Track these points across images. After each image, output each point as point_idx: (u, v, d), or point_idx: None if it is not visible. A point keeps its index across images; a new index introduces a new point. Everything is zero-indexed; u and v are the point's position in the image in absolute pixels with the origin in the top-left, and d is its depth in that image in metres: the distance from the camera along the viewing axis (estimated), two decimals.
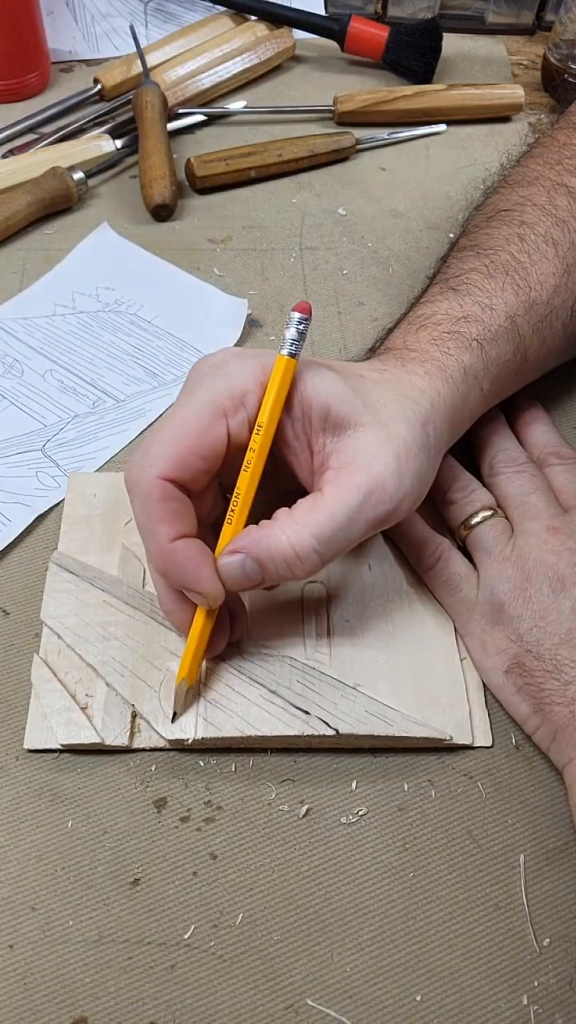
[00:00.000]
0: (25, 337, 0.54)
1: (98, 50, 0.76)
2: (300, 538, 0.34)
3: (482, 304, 0.43)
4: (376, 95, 0.69)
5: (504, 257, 0.44)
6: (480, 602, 0.39)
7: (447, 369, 0.40)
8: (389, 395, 0.38)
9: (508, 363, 0.43)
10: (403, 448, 0.36)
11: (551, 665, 0.36)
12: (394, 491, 0.35)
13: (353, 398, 0.36)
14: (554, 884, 0.35)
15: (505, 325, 0.42)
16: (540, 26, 0.80)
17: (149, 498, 0.34)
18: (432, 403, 0.39)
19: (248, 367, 0.36)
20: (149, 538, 0.35)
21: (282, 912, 0.34)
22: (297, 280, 0.58)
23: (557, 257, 0.45)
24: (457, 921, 0.34)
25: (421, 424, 0.37)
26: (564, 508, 0.42)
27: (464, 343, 0.41)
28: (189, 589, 0.35)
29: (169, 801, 0.37)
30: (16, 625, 0.41)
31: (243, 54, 0.71)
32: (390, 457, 0.35)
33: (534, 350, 0.44)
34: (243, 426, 0.35)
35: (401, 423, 0.37)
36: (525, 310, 0.43)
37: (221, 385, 0.35)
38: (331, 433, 0.36)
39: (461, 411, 0.41)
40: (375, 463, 0.35)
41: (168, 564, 0.35)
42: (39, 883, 0.35)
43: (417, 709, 0.38)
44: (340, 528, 0.34)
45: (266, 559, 0.35)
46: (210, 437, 0.35)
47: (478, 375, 0.41)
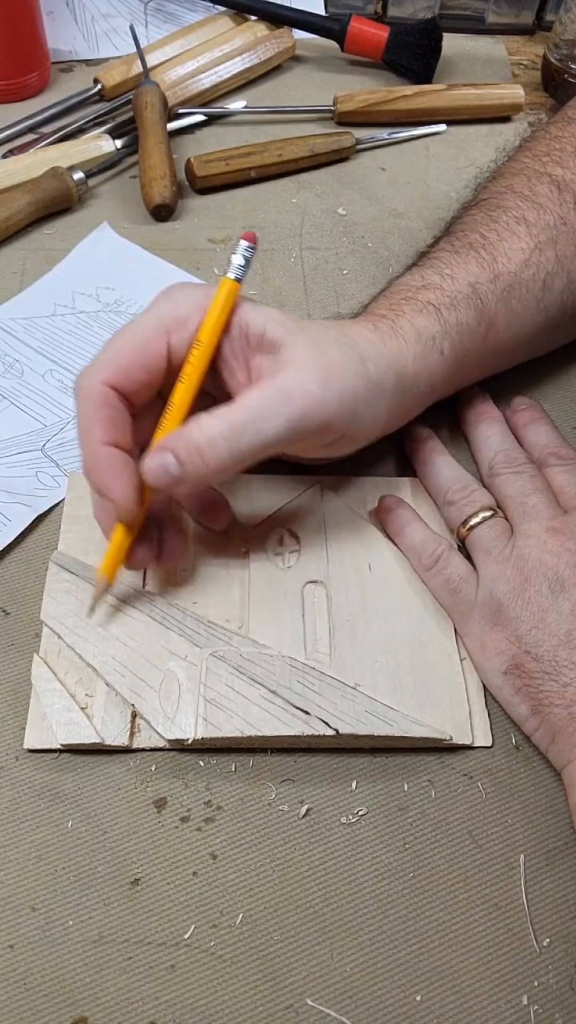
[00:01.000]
0: (25, 337, 0.54)
1: (98, 50, 0.76)
2: (210, 427, 0.35)
3: (443, 274, 0.44)
4: (376, 95, 0.69)
5: (472, 236, 0.45)
6: (479, 603, 0.39)
7: (398, 328, 0.41)
8: (330, 332, 0.39)
9: (472, 329, 0.43)
10: (331, 363, 0.37)
11: (550, 666, 0.36)
12: (314, 392, 0.36)
13: (290, 323, 0.38)
14: (554, 884, 0.35)
15: (465, 291, 0.43)
16: (540, 26, 0.80)
17: (89, 400, 0.36)
18: (374, 347, 0.40)
19: (195, 293, 0.38)
20: (83, 439, 0.37)
21: (282, 912, 0.34)
22: (297, 280, 0.58)
23: (528, 235, 0.45)
24: (457, 921, 0.34)
25: (358, 357, 0.38)
26: (564, 509, 0.42)
27: (419, 306, 0.42)
28: (103, 494, 0.37)
29: (169, 801, 0.37)
30: (16, 625, 0.41)
31: (243, 54, 0.71)
32: (315, 364, 0.37)
33: (502, 320, 0.45)
34: (184, 344, 0.37)
35: (334, 347, 0.38)
36: (489, 279, 0.44)
37: (167, 307, 0.38)
38: (267, 351, 0.37)
39: (415, 370, 0.41)
40: (298, 367, 0.36)
41: (92, 467, 0.37)
42: (39, 883, 0.35)
43: (417, 709, 0.38)
44: (251, 419, 0.35)
45: (180, 450, 0.36)
46: (151, 350, 0.37)
47: (435, 337, 0.42)
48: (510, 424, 0.48)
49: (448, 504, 0.44)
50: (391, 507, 0.44)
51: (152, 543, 0.40)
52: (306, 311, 0.56)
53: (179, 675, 0.38)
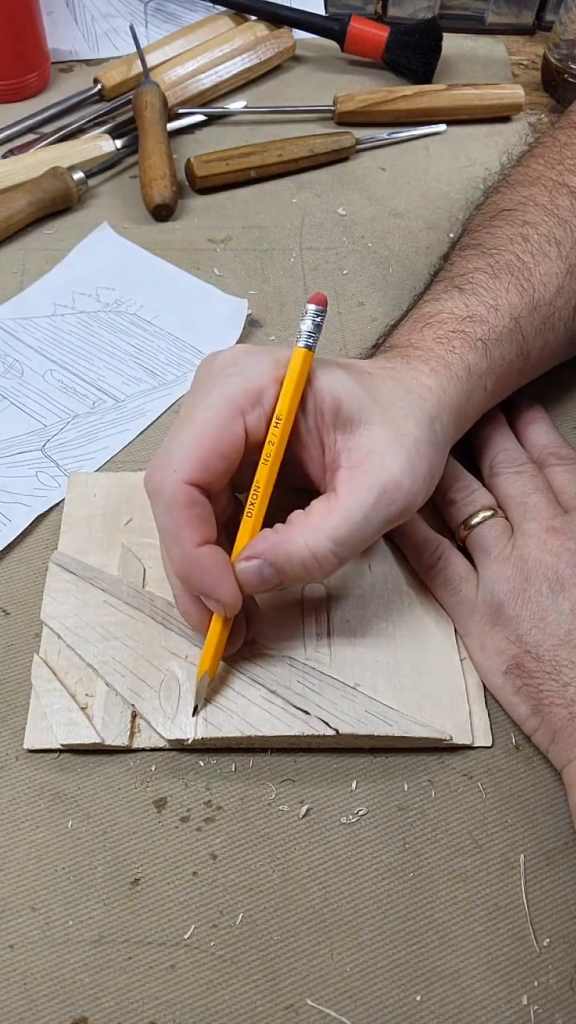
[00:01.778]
0: (25, 337, 0.54)
1: (98, 50, 0.76)
2: (317, 541, 0.34)
3: (487, 304, 0.43)
4: (376, 95, 0.69)
5: (508, 257, 0.45)
6: (480, 602, 0.39)
7: (452, 367, 0.40)
8: (397, 392, 0.38)
9: (511, 364, 0.43)
10: (414, 446, 0.36)
11: (550, 666, 0.36)
12: (408, 489, 0.36)
13: (363, 395, 0.36)
14: (554, 884, 0.35)
15: (509, 327, 0.43)
16: (540, 26, 0.80)
17: (174, 504, 0.34)
18: (439, 400, 0.39)
19: (263, 363, 0.36)
20: (173, 544, 0.35)
21: (282, 912, 0.34)
22: (297, 280, 0.58)
23: (560, 257, 0.45)
24: (457, 921, 0.34)
25: (429, 421, 0.38)
26: (564, 509, 0.42)
27: (469, 343, 0.41)
28: (208, 597, 0.35)
29: (169, 801, 0.37)
30: (16, 625, 0.41)
31: (243, 54, 0.71)
32: (402, 456, 0.36)
33: (536, 351, 0.45)
34: (260, 423, 0.35)
35: (411, 421, 0.37)
36: (529, 311, 0.44)
37: (237, 382, 0.35)
38: (342, 430, 0.36)
39: (465, 408, 0.41)
40: (388, 462, 0.35)
41: (191, 571, 0.35)
42: (39, 883, 0.35)
43: (417, 709, 0.38)
44: (356, 529, 0.35)
45: (284, 563, 0.35)
46: (230, 436, 0.35)
47: (482, 375, 0.42)
48: (510, 424, 0.48)
49: (449, 503, 0.44)
50: None
51: (242, 627, 0.38)
52: None
53: (179, 675, 0.38)
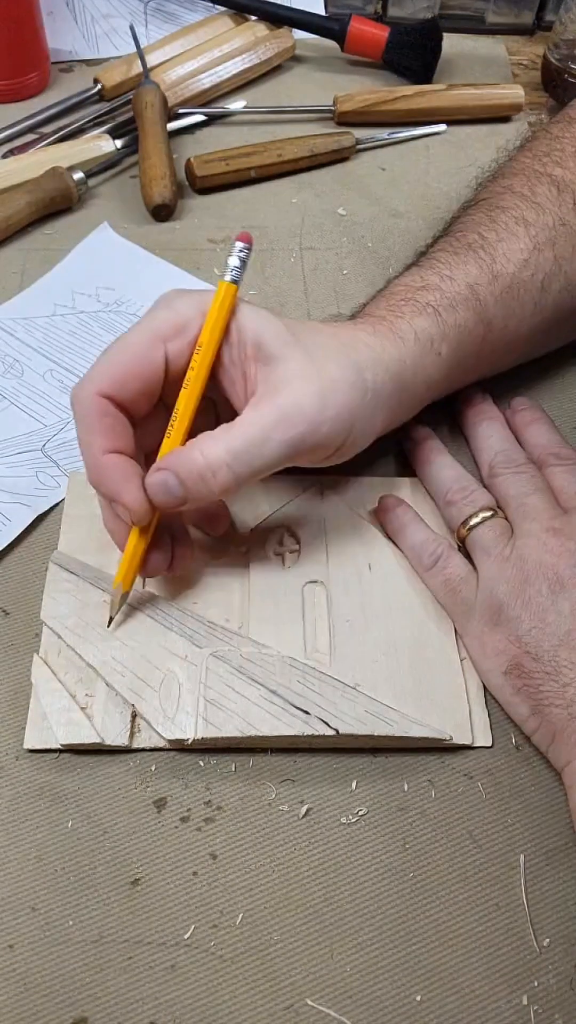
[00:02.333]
0: (25, 337, 0.54)
1: (98, 50, 0.76)
2: (213, 453, 0.36)
3: (442, 275, 0.44)
4: (376, 95, 0.69)
5: (472, 236, 0.45)
6: (479, 603, 0.39)
7: (397, 330, 0.41)
8: (327, 340, 0.39)
9: (470, 331, 0.43)
10: (328, 380, 0.37)
11: (550, 667, 0.36)
12: (312, 415, 0.36)
13: (287, 335, 0.37)
14: (554, 884, 0.35)
15: (464, 293, 0.43)
16: (540, 26, 0.80)
17: (87, 412, 0.36)
18: (373, 354, 0.40)
19: (191, 299, 0.38)
20: (84, 450, 0.37)
21: (282, 912, 0.34)
22: (297, 280, 0.58)
23: (528, 236, 0.45)
24: (457, 921, 0.34)
25: (355, 368, 0.38)
26: (564, 509, 0.42)
27: (418, 308, 0.42)
28: (115, 501, 0.37)
29: (169, 801, 0.37)
30: (16, 625, 0.41)
31: (243, 54, 0.71)
32: (312, 385, 0.37)
33: (499, 321, 0.45)
34: (183, 352, 0.37)
35: (332, 362, 0.38)
36: (488, 280, 0.44)
37: (164, 314, 0.38)
38: (262, 362, 0.37)
39: (413, 372, 0.42)
40: (296, 388, 0.36)
41: (98, 476, 0.37)
42: (39, 883, 0.35)
43: (417, 709, 0.38)
44: (252, 444, 0.36)
45: (184, 474, 0.36)
46: (149, 359, 0.37)
47: (433, 339, 0.42)
48: (510, 424, 0.48)
49: (448, 504, 0.44)
50: (391, 507, 0.44)
51: (166, 550, 0.40)
52: (306, 311, 0.56)
53: (179, 675, 0.38)
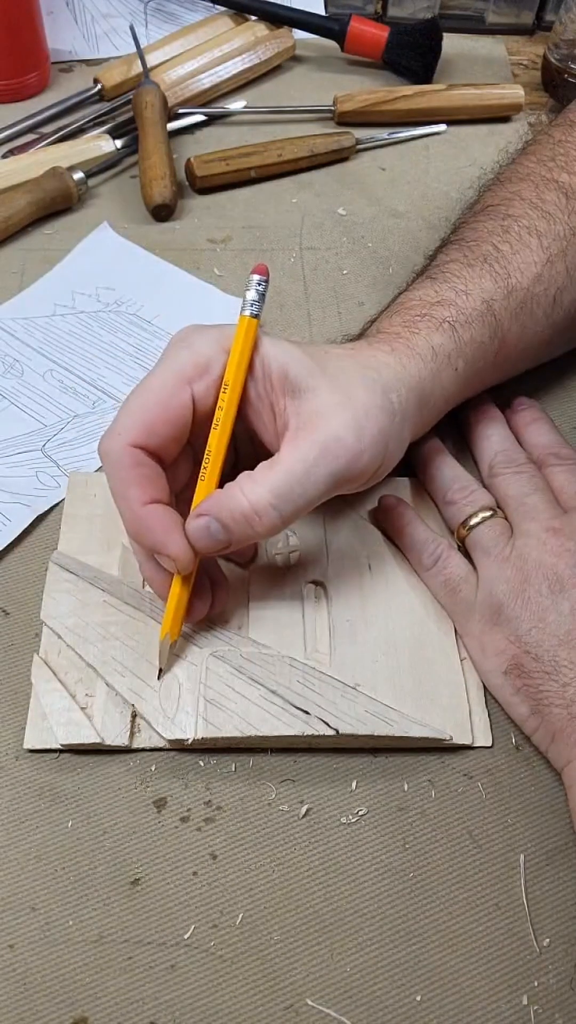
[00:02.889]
0: (25, 337, 0.54)
1: (98, 50, 0.76)
2: (257, 495, 0.35)
3: (457, 290, 0.43)
4: (376, 95, 0.69)
5: (485, 248, 0.45)
6: (479, 603, 0.39)
7: (415, 348, 0.41)
8: (349, 365, 0.39)
9: (484, 346, 0.43)
10: (361, 408, 0.37)
11: (550, 666, 0.36)
12: (351, 445, 0.36)
13: (311, 364, 0.37)
14: (554, 884, 0.35)
15: (480, 309, 0.43)
16: (540, 26, 0.80)
17: (120, 464, 0.36)
18: (395, 374, 0.39)
19: (211, 336, 0.37)
20: (122, 503, 0.36)
21: (282, 912, 0.34)
22: (297, 280, 0.58)
23: (540, 248, 0.45)
24: (457, 921, 0.34)
25: (382, 391, 0.38)
26: (564, 509, 0.42)
27: (435, 324, 0.42)
28: (159, 553, 0.36)
29: (169, 801, 0.37)
30: (16, 625, 0.41)
31: (243, 54, 0.71)
32: (347, 415, 0.36)
33: (513, 336, 0.45)
34: (209, 392, 0.37)
35: (360, 388, 0.38)
36: (503, 296, 0.44)
37: (185, 355, 0.37)
38: (291, 396, 0.37)
39: (432, 387, 0.41)
40: (332, 420, 0.36)
41: (140, 528, 0.36)
42: (39, 883, 0.35)
43: (417, 709, 0.38)
44: (296, 482, 0.35)
45: (228, 519, 0.35)
46: (176, 403, 0.36)
47: (450, 355, 0.42)
48: (510, 424, 0.48)
49: (448, 504, 0.44)
50: (391, 507, 0.44)
51: (207, 595, 0.39)
52: (306, 311, 0.56)
53: (179, 675, 0.38)
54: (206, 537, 0.36)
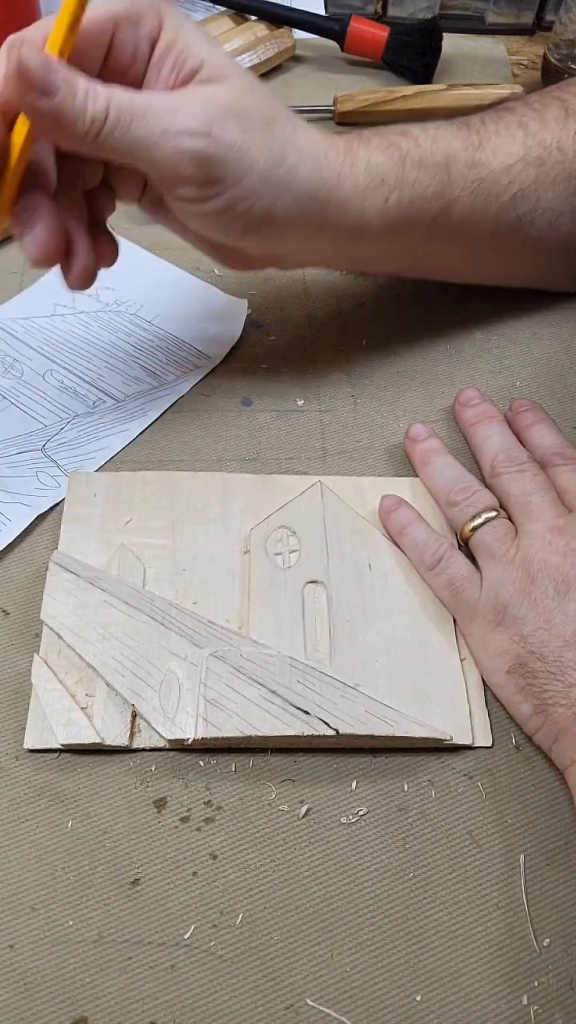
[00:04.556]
0: (25, 337, 0.54)
1: None
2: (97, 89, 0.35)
3: (427, 131, 0.43)
4: (376, 95, 0.69)
5: (474, 121, 0.45)
6: (483, 603, 0.39)
7: (350, 153, 0.40)
8: (280, 105, 0.39)
9: (426, 197, 0.43)
10: (251, 105, 0.37)
11: (555, 667, 0.36)
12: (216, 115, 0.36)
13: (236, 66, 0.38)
14: (554, 884, 0.35)
15: (438, 158, 0.42)
16: (540, 26, 0.80)
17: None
18: (312, 147, 0.39)
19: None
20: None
21: (282, 912, 0.34)
22: (297, 280, 0.58)
23: (523, 144, 0.45)
24: (457, 921, 0.34)
25: (283, 139, 0.38)
26: (568, 508, 0.42)
27: (385, 145, 0.42)
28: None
29: (169, 801, 0.37)
30: (16, 625, 0.41)
31: (243, 54, 0.71)
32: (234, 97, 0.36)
33: (460, 209, 0.44)
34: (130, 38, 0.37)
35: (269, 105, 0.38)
36: (465, 163, 0.43)
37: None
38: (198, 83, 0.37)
39: (348, 194, 0.41)
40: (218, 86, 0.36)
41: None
42: (39, 883, 0.35)
43: (417, 709, 0.38)
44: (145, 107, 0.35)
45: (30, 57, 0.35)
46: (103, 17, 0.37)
47: (385, 180, 0.41)
48: (512, 426, 0.48)
49: (451, 505, 0.43)
50: (392, 507, 0.44)
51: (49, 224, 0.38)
52: (306, 311, 0.56)
53: (179, 675, 0.38)
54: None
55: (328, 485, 0.45)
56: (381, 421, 0.50)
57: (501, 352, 0.53)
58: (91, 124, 0.35)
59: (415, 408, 0.50)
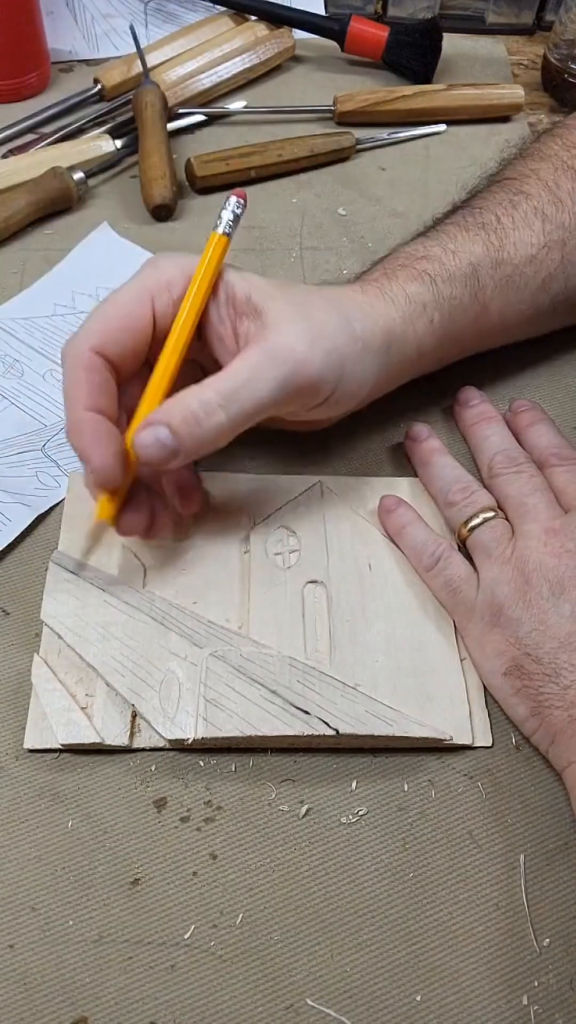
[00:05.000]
0: (25, 337, 0.54)
1: (98, 50, 0.76)
2: (204, 395, 0.36)
3: (446, 248, 0.44)
4: (376, 95, 0.69)
5: (488, 217, 0.46)
6: (480, 604, 0.39)
7: (387, 291, 0.42)
8: (314, 296, 0.39)
9: (464, 306, 0.44)
10: (316, 323, 0.38)
11: (550, 669, 0.36)
12: (300, 351, 0.37)
13: (274, 291, 0.38)
14: (554, 884, 0.35)
15: (464, 270, 0.43)
16: (540, 26, 0.80)
17: (75, 365, 0.37)
18: (360, 309, 0.40)
19: (179, 260, 0.39)
20: (68, 404, 0.37)
21: (282, 912, 0.34)
22: (297, 280, 0.58)
23: (543, 231, 0.45)
24: (457, 921, 0.34)
25: (343, 317, 0.39)
26: (565, 509, 0.41)
27: (414, 274, 0.43)
28: (82, 459, 0.37)
29: (169, 801, 0.37)
30: (16, 625, 0.41)
31: (243, 54, 0.71)
32: (300, 326, 0.37)
33: (496, 305, 0.45)
34: (168, 308, 0.38)
35: (319, 310, 0.38)
36: (491, 265, 0.44)
37: (150, 273, 0.39)
38: (252, 317, 0.37)
39: (403, 331, 0.42)
40: (284, 328, 0.37)
41: (73, 431, 0.37)
42: (39, 883, 0.35)
43: (417, 709, 0.38)
44: (242, 384, 0.36)
45: (176, 422, 0.35)
46: (137, 315, 0.37)
47: (426, 304, 0.42)
48: (511, 426, 0.48)
49: (449, 505, 0.43)
50: (391, 507, 0.44)
51: (142, 512, 0.39)
52: None
53: (179, 675, 0.38)
54: (153, 443, 0.36)
55: (328, 485, 0.45)
56: (381, 421, 0.50)
57: (501, 352, 0.53)
58: (219, 433, 0.36)
59: (415, 408, 0.50)
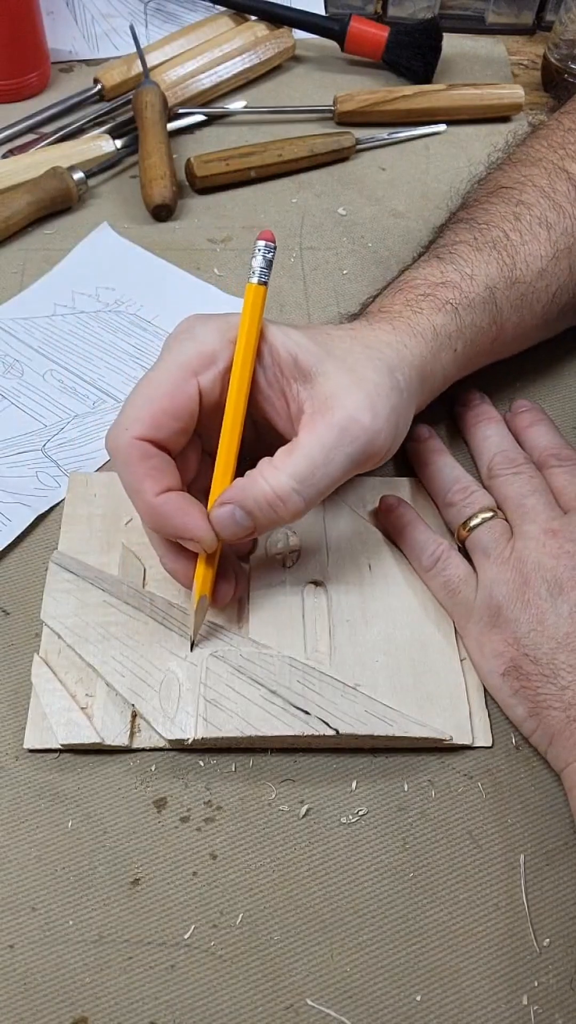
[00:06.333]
0: (25, 337, 0.54)
1: (98, 50, 0.76)
2: (280, 481, 0.35)
3: (463, 272, 0.44)
4: (376, 95, 0.69)
5: (496, 233, 0.46)
6: (479, 604, 0.39)
7: (416, 327, 0.42)
8: (354, 346, 0.39)
9: (483, 331, 0.44)
10: (373, 387, 0.37)
11: (548, 669, 0.36)
12: (368, 425, 0.36)
13: (317, 348, 0.38)
14: (554, 884, 0.35)
15: (483, 295, 0.44)
16: (540, 26, 0.80)
17: (129, 459, 0.36)
18: (398, 353, 0.40)
19: (215, 326, 0.37)
20: (136, 497, 0.36)
21: (282, 912, 0.34)
22: (297, 280, 0.58)
23: (549, 241, 0.46)
24: (457, 921, 0.34)
25: (388, 370, 0.39)
26: (564, 510, 0.41)
27: (438, 304, 0.43)
28: (181, 537, 0.36)
29: (169, 801, 0.37)
30: (16, 625, 0.41)
31: (243, 54, 0.71)
32: (361, 395, 0.37)
33: (511, 325, 0.46)
34: (215, 383, 0.37)
35: (368, 368, 0.38)
36: (506, 285, 0.44)
37: (189, 346, 0.37)
38: (302, 381, 0.37)
39: (432, 366, 0.42)
40: (346, 402, 0.36)
41: (157, 518, 0.36)
42: (39, 883, 0.35)
43: (417, 709, 0.38)
44: (317, 466, 0.36)
45: (252, 506, 0.36)
46: (182, 396, 0.36)
47: (451, 336, 0.43)
48: (511, 427, 0.48)
49: (448, 505, 0.44)
50: (391, 507, 0.44)
51: (231, 575, 0.40)
52: (306, 311, 0.56)
53: (179, 675, 0.38)
54: (232, 524, 0.36)
55: None
56: None
57: None
58: (294, 516, 0.36)
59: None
